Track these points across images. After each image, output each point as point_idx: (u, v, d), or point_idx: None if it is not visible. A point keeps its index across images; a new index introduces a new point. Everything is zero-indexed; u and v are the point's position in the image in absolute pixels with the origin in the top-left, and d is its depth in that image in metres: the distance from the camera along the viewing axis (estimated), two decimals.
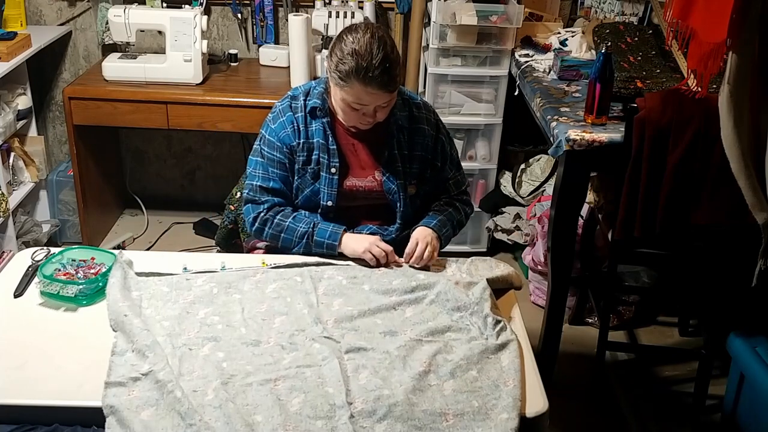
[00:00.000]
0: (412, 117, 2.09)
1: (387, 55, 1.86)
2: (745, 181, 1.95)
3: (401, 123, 2.07)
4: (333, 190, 2.04)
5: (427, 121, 2.11)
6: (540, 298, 3.20)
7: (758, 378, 2.33)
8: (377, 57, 1.85)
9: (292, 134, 2.04)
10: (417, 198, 2.13)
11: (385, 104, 1.95)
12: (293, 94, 2.09)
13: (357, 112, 1.95)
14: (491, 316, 1.74)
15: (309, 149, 2.04)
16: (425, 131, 2.10)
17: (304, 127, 2.04)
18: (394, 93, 1.94)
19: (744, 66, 1.84)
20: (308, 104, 2.04)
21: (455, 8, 3.12)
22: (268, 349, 1.65)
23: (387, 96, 1.92)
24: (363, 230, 2.07)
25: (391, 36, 1.96)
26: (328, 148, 2.03)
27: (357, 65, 1.85)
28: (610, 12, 3.29)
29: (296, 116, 2.04)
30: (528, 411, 1.51)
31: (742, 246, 2.28)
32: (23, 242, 3.32)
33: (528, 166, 3.52)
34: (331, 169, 2.03)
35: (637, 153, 2.24)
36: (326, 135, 2.03)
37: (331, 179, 2.04)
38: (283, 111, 2.06)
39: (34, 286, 1.84)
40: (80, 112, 3.24)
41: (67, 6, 3.60)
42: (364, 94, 1.89)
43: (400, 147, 2.07)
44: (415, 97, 2.15)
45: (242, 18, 3.61)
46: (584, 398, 2.73)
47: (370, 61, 1.85)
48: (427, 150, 2.10)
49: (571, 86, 2.77)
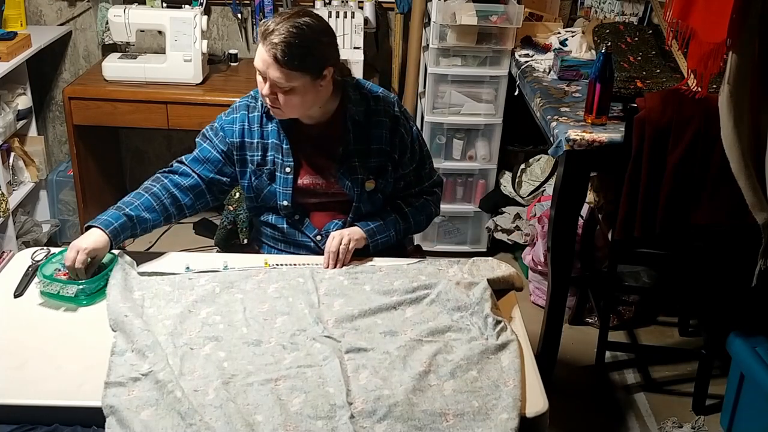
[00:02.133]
0: (369, 111, 2.04)
1: (296, 30, 1.82)
2: (745, 181, 1.95)
3: (357, 118, 2.02)
4: (288, 190, 2.03)
5: (385, 113, 2.06)
6: (540, 298, 3.20)
7: (758, 378, 2.33)
8: (285, 24, 1.82)
9: (238, 131, 2.04)
10: (377, 193, 2.09)
11: (282, 86, 1.86)
12: (254, 93, 2.06)
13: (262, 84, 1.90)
14: (492, 316, 1.74)
15: (264, 149, 2.04)
16: (382, 123, 2.05)
17: (258, 126, 2.04)
18: (287, 73, 1.84)
19: (744, 66, 1.84)
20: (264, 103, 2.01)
21: (455, 8, 3.12)
22: (269, 348, 1.65)
23: (276, 69, 1.84)
24: (330, 227, 2.06)
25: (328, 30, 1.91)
26: (282, 148, 2.02)
27: (268, 26, 1.84)
28: (610, 12, 3.29)
29: (250, 116, 2.04)
30: (528, 411, 1.51)
31: (742, 246, 2.28)
32: (23, 242, 3.32)
33: (528, 166, 3.52)
34: (285, 168, 2.03)
35: (637, 153, 2.24)
36: (279, 135, 2.02)
37: (285, 178, 2.03)
38: (239, 108, 2.07)
39: (34, 286, 1.84)
40: (80, 112, 3.24)
41: (67, 6, 3.60)
42: (261, 55, 1.85)
43: (356, 142, 2.03)
44: (375, 90, 2.10)
45: (242, 18, 3.61)
46: (584, 398, 2.73)
47: (278, 25, 1.82)
48: (385, 142, 2.05)
49: (571, 86, 2.77)
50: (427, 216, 2.18)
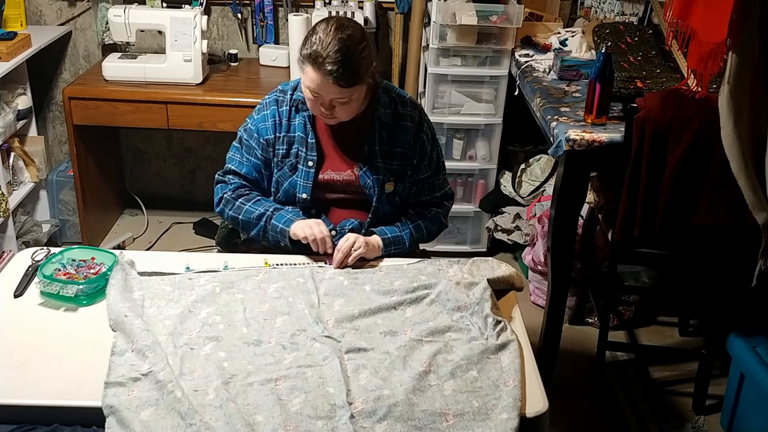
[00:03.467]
0: (396, 114, 2.10)
1: (345, 48, 1.87)
2: (745, 181, 1.95)
3: (384, 120, 2.07)
4: (308, 183, 2.07)
5: (411, 118, 2.11)
6: (540, 298, 3.20)
7: (758, 378, 2.33)
8: (334, 46, 1.86)
9: (272, 127, 2.08)
10: (395, 195, 2.13)
11: (342, 100, 1.93)
12: (283, 87, 2.13)
13: (315, 101, 1.96)
14: (492, 316, 1.74)
15: (289, 142, 2.08)
16: (407, 128, 2.10)
17: (287, 120, 2.08)
18: (348, 90, 1.91)
19: (744, 66, 1.84)
20: (294, 97, 2.08)
21: (455, 8, 3.12)
22: (269, 348, 1.65)
23: (337, 89, 1.90)
24: (346, 225, 2.09)
25: (364, 35, 1.96)
26: (307, 142, 2.06)
27: (315, 50, 1.88)
28: (610, 12, 3.29)
29: (280, 110, 2.09)
30: (528, 411, 1.51)
31: (742, 246, 2.28)
32: (23, 242, 3.32)
33: (528, 166, 3.52)
34: (308, 162, 2.06)
35: (637, 153, 2.24)
36: (306, 128, 2.07)
37: (307, 172, 2.06)
38: (269, 104, 2.11)
39: (34, 286, 1.84)
40: (80, 112, 3.24)
41: (67, 6, 3.60)
42: (317, 81, 1.90)
43: (381, 143, 2.08)
44: (404, 95, 2.16)
45: (242, 18, 3.61)
46: (584, 398, 2.73)
47: (326, 48, 1.86)
48: (408, 147, 2.10)
49: (571, 86, 2.77)
50: (438, 228, 2.22)
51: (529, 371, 1.62)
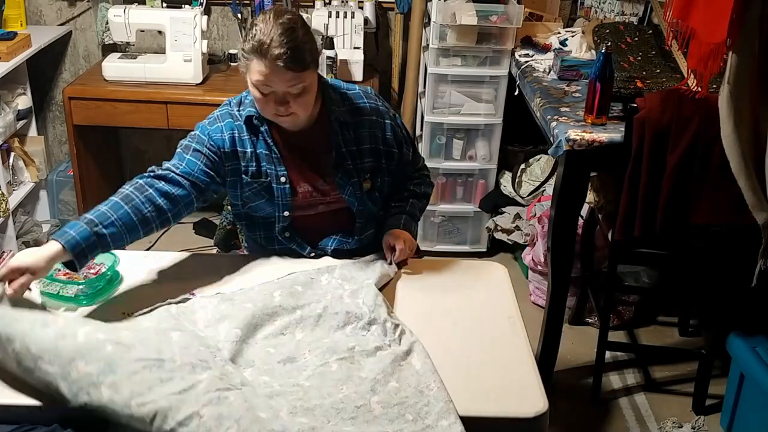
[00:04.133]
0: (353, 110, 1.98)
1: (289, 30, 1.77)
2: (745, 181, 1.95)
3: (343, 119, 1.96)
4: (287, 200, 1.96)
5: (369, 111, 2.00)
6: (540, 298, 3.20)
7: (758, 378, 2.33)
8: (277, 30, 1.76)
9: (229, 140, 1.93)
10: (374, 191, 2.04)
11: (295, 90, 1.81)
12: (228, 103, 2.00)
13: (268, 98, 1.83)
14: (389, 320, 1.68)
15: (257, 160, 1.95)
16: (370, 121, 1.99)
17: (247, 137, 1.94)
18: (300, 75, 1.79)
19: (744, 66, 1.84)
20: (241, 114, 1.94)
21: (455, 8, 3.12)
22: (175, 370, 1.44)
23: (289, 75, 1.78)
24: (327, 244, 2.01)
25: (304, 21, 1.86)
26: (272, 157, 1.94)
27: (258, 39, 1.77)
28: (610, 12, 3.29)
29: (236, 124, 1.94)
30: (528, 411, 1.51)
31: (742, 246, 2.28)
32: (23, 242, 3.32)
33: (528, 166, 3.52)
34: (280, 178, 1.94)
35: (637, 153, 2.24)
36: (268, 144, 1.94)
37: (282, 189, 1.95)
38: (222, 117, 1.96)
39: (34, 286, 1.84)
40: (80, 112, 3.24)
41: (67, 6, 3.60)
42: (265, 71, 1.78)
43: (347, 144, 1.97)
44: (352, 88, 2.04)
45: (242, 18, 3.61)
46: (584, 398, 2.73)
47: (269, 35, 1.76)
48: (376, 140, 2.00)
49: (571, 86, 2.77)
50: (427, 196, 2.20)
51: (529, 371, 1.62)
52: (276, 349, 1.62)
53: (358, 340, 1.65)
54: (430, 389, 1.51)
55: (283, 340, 1.65)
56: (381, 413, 1.46)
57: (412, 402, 1.48)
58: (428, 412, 1.46)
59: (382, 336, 1.66)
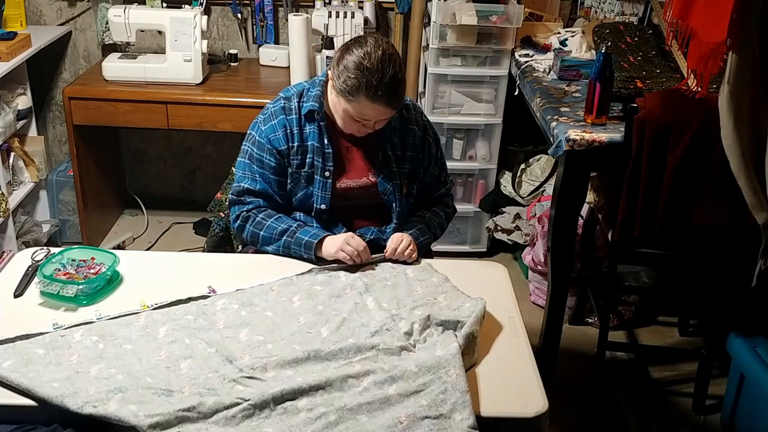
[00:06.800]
0: (402, 118, 2.11)
1: (395, 75, 1.87)
2: (745, 181, 1.95)
3: (394, 125, 2.07)
4: (327, 194, 2.04)
5: (416, 122, 2.13)
6: (540, 298, 3.20)
7: (758, 378, 2.33)
8: (387, 76, 1.85)
9: (283, 138, 2.02)
10: (410, 197, 2.15)
11: (387, 118, 1.98)
12: (285, 95, 2.07)
13: (358, 123, 1.96)
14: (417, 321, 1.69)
15: (303, 152, 2.03)
16: (415, 132, 2.12)
17: (298, 130, 2.02)
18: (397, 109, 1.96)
19: (744, 66, 1.84)
20: (303, 107, 2.02)
21: (455, 8, 3.12)
22: (183, 399, 1.47)
23: (391, 112, 1.95)
24: (364, 232, 2.06)
25: (398, 53, 1.96)
26: (324, 152, 2.02)
27: (367, 82, 1.84)
28: (610, 12, 3.29)
29: (289, 119, 2.02)
30: (528, 411, 1.51)
31: (742, 246, 2.28)
32: (23, 242, 3.32)
33: (528, 166, 3.52)
34: (325, 172, 2.03)
35: (637, 153, 2.24)
36: (322, 138, 2.02)
37: (324, 182, 2.03)
38: (275, 113, 2.04)
39: (34, 286, 1.84)
40: (80, 112, 3.24)
41: (67, 6, 3.60)
42: (369, 110, 1.90)
43: (393, 148, 2.09)
44: (405, 99, 2.13)
45: (242, 18, 3.61)
46: (584, 398, 2.73)
47: (380, 79, 1.84)
48: (417, 150, 2.12)
49: (571, 86, 2.77)
50: (446, 217, 2.25)
51: (529, 371, 1.62)
52: (300, 346, 1.64)
53: (383, 338, 1.65)
54: (449, 375, 1.51)
55: (309, 337, 1.68)
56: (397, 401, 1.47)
57: (428, 390, 1.49)
58: (444, 401, 1.47)
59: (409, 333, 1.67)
